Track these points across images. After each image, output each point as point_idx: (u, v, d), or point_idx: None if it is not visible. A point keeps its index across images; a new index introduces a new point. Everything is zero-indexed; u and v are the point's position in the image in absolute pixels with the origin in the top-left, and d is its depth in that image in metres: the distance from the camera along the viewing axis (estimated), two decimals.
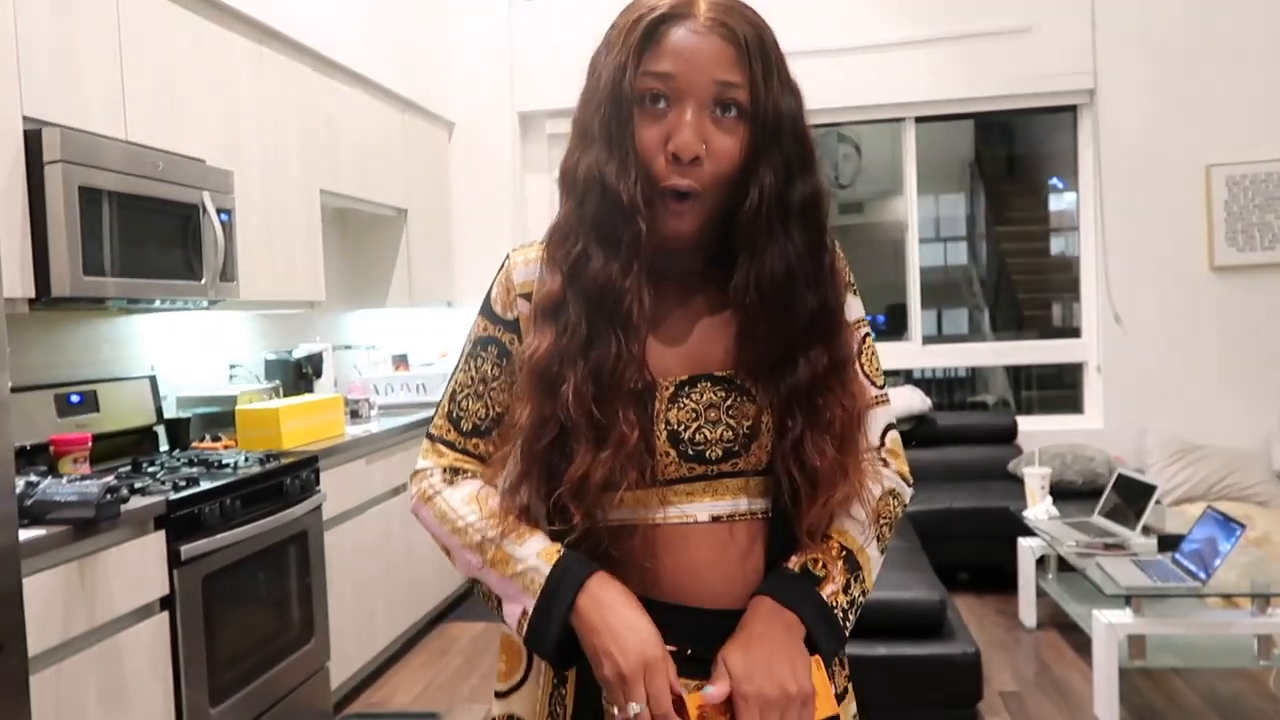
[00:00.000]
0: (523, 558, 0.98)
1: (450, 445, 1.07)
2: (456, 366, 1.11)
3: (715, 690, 0.93)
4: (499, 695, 1.10)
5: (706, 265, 1.04)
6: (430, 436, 1.09)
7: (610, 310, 0.96)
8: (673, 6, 0.95)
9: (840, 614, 1.00)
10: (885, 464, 1.10)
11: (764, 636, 0.96)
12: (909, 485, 1.12)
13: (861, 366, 1.09)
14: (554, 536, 1.00)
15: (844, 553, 1.03)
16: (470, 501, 1.02)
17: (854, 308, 1.09)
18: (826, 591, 1.00)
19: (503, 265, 1.10)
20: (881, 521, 1.07)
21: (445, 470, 1.06)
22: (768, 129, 0.96)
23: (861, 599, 1.04)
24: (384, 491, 3.68)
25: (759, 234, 0.97)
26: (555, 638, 0.95)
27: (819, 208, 1.00)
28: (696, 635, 1.00)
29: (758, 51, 0.95)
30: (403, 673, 3.67)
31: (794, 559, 1.01)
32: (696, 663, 1.00)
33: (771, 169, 0.97)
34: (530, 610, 0.96)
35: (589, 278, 0.97)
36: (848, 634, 1.03)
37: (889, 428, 1.11)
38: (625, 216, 0.95)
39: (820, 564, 1.01)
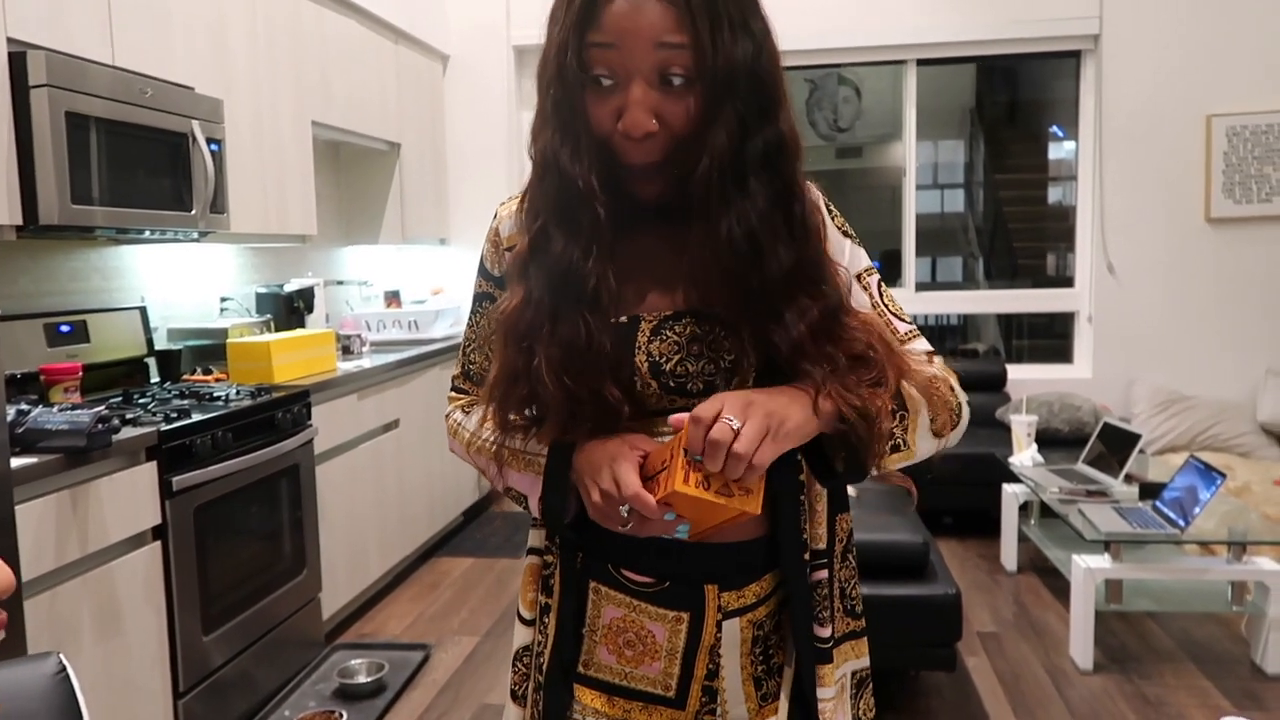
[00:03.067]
0: (532, 450, 1.02)
1: (465, 393, 1.16)
2: (466, 325, 1.16)
3: (673, 418, 0.92)
4: (522, 620, 1.14)
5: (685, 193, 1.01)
6: (452, 387, 1.18)
7: (575, 293, 0.95)
8: None
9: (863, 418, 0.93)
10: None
11: (754, 392, 0.93)
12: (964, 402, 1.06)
13: (886, 307, 1.07)
14: None
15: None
16: (485, 421, 1.06)
17: (858, 257, 1.07)
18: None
19: (492, 222, 1.12)
20: (934, 395, 1.00)
21: (464, 406, 1.14)
22: (719, 86, 0.91)
23: (904, 440, 0.97)
24: (376, 427, 3.69)
25: (713, 201, 0.93)
26: (565, 509, 1.00)
27: (785, 154, 0.95)
28: (683, 568, 1.02)
29: (702, 5, 0.89)
30: (393, 605, 3.73)
31: None
32: (678, 596, 1.02)
33: (724, 128, 0.92)
34: (541, 489, 1.01)
35: (550, 258, 0.96)
36: (875, 455, 0.95)
37: (931, 354, 1.07)
38: (582, 201, 0.95)
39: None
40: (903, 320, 1.08)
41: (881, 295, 1.08)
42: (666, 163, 0.95)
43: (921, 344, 1.08)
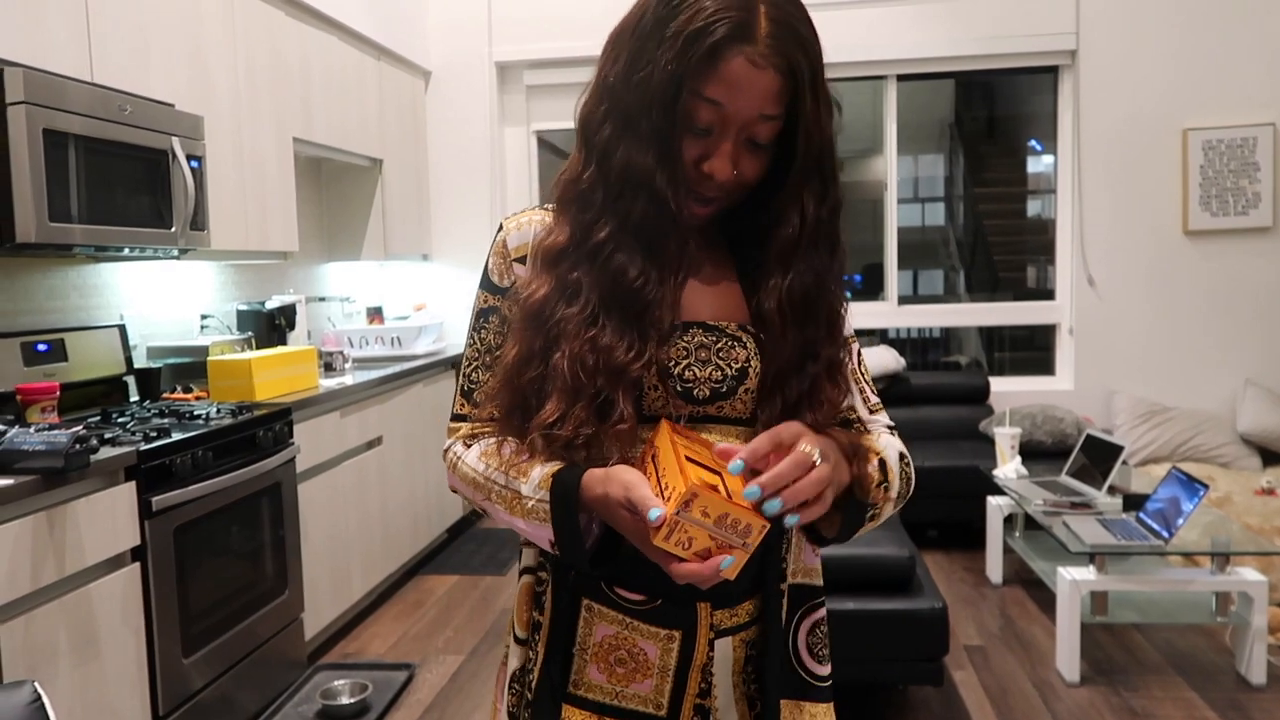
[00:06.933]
0: (529, 494, 0.98)
1: (466, 419, 1.09)
2: (465, 344, 1.12)
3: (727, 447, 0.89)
4: (517, 640, 1.11)
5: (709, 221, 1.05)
6: (452, 417, 1.12)
7: (635, 310, 0.97)
8: (735, 25, 0.91)
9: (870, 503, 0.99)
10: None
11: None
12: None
13: (862, 375, 1.10)
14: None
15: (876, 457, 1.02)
16: (484, 456, 1.03)
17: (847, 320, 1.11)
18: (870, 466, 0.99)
19: (496, 236, 1.10)
20: (903, 466, 1.05)
21: (465, 438, 1.08)
22: (812, 158, 0.97)
23: (879, 510, 1.01)
24: (358, 444, 3.67)
25: (795, 255, 0.99)
26: (585, 554, 0.96)
27: (839, 213, 1.02)
28: (675, 585, 0.98)
29: (809, 83, 0.94)
30: (377, 624, 3.69)
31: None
32: (670, 613, 1.01)
33: (814, 195, 0.99)
34: (553, 540, 0.97)
35: (622, 283, 0.97)
36: (863, 525, 1.00)
37: (892, 428, 1.12)
38: (674, 230, 0.98)
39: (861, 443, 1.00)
40: (873, 392, 1.12)
41: (859, 363, 1.11)
42: (724, 200, 1.01)
43: (885, 417, 1.12)
